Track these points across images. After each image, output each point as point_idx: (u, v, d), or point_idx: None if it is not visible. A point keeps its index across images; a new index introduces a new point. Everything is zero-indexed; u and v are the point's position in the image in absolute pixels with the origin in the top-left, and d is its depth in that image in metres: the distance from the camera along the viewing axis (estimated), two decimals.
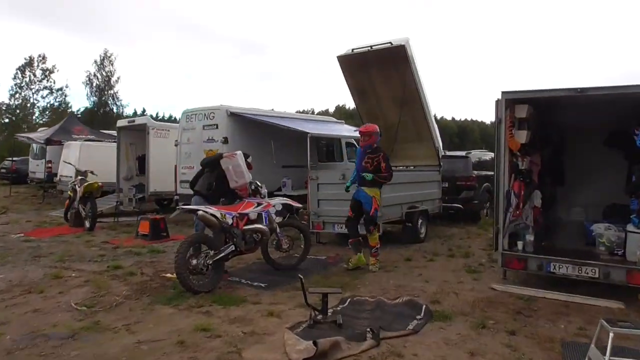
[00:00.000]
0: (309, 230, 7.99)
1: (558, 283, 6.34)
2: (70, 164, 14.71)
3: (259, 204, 7.04)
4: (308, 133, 11.54)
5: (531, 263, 6.33)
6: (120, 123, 16.81)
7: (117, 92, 56.10)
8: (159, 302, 5.82)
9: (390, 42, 9.54)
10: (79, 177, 12.09)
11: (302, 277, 4.48)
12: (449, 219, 12.43)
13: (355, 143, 16.93)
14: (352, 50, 10.12)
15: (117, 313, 5.43)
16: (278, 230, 7.38)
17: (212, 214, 6.41)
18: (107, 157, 16.75)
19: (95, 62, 54.86)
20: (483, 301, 5.88)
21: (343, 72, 10.67)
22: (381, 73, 10.40)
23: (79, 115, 52.49)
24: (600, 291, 6.01)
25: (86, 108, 55.44)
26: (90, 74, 54.42)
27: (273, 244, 7.53)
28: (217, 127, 12.45)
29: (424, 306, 5.57)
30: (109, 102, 55.99)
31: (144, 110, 67.39)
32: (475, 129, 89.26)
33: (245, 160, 7.16)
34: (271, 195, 12.82)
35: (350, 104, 73.56)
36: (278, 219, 8.02)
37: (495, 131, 6.61)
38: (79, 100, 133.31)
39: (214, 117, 12.57)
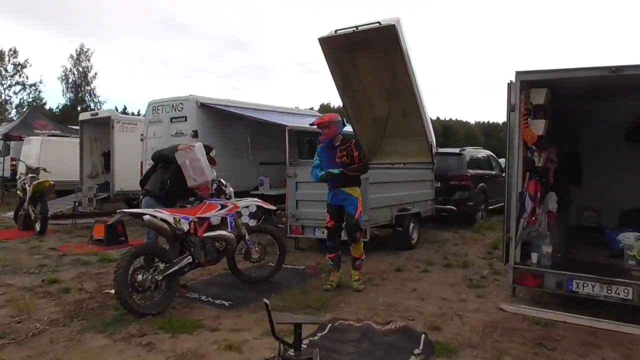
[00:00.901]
0: (283, 237, 6.82)
1: (577, 303, 5.28)
2: (21, 161, 13.41)
3: (222, 207, 5.88)
4: (286, 126, 10.40)
5: (549, 280, 5.25)
6: (83, 116, 15.55)
7: (94, 89, 55.01)
8: (91, 329, 4.63)
9: (378, 22, 8.42)
10: (30, 175, 10.78)
11: (267, 302, 3.37)
12: (441, 222, 11.36)
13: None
14: (335, 31, 8.97)
15: (31, 346, 4.24)
16: (247, 236, 6.24)
17: (162, 219, 5.24)
18: (71, 153, 15.49)
19: (72, 56, 53.43)
20: (493, 327, 4.79)
21: (325, 57, 9.51)
22: (368, 58, 9.27)
23: (57, 112, 50.90)
24: (632, 315, 4.96)
25: (64, 105, 53.95)
26: (66, 69, 53.02)
27: (241, 253, 6.39)
28: (185, 120, 11.27)
29: (422, 336, 4.46)
30: (86, 98, 54.73)
31: (125, 108, 65.82)
32: (460, 129, 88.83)
33: (207, 154, 6.00)
34: (246, 195, 11.75)
35: (336, 102, 72.54)
36: (252, 222, 6.89)
37: (506, 121, 5.53)
38: (55, 97, 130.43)
39: (182, 108, 11.38)
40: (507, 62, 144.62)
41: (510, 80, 5.44)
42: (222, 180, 6.09)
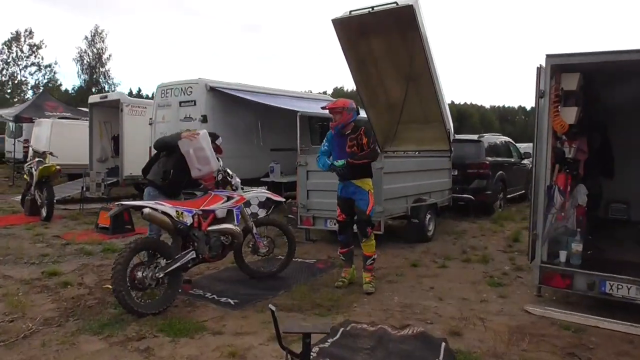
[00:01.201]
0: (292, 230, 6.46)
1: (609, 305, 4.89)
2: (28, 144, 13.18)
3: (229, 198, 5.54)
4: (297, 112, 10.01)
5: (579, 281, 4.84)
6: (92, 99, 15.29)
7: (108, 70, 54.94)
8: (87, 331, 4.34)
9: (395, 2, 7.94)
10: (36, 159, 10.53)
11: (273, 308, 3.01)
12: (458, 212, 10.93)
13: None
14: (350, 12, 8.51)
15: (21, 350, 3.95)
16: (254, 230, 5.90)
17: (163, 212, 4.90)
18: (82, 136, 15.28)
19: (86, 38, 53.28)
20: (519, 333, 4.41)
21: (339, 39, 9.05)
22: (384, 40, 8.83)
23: (72, 94, 50.91)
24: None
25: (79, 87, 53.98)
26: (81, 50, 52.94)
27: (249, 247, 6.06)
28: (194, 104, 10.96)
29: (442, 344, 4.10)
30: (101, 80, 54.62)
31: (139, 90, 65.74)
32: (475, 113, 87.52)
33: (213, 142, 5.63)
34: (256, 182, 11.42)
35: (349, 85, 71.74)
36: (262, 212, 6.57)
37: (535, 108, 5.08)
38: (70, 79, 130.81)
39: (191, 92, 11.07)
40: (524, 44, 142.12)
41: (540, 64, 5.00)
42: (228, 170, 5.74)
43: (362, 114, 8.21)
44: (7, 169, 20.88)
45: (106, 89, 52.05)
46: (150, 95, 54.69)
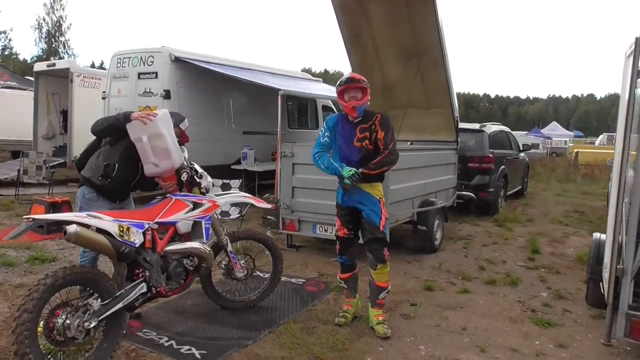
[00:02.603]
0: (278, 247, 4.91)
1: None
2: None
3: (195, 205, 4.00)
4: (280, 89, 8.47)
5: None
6: (38, 67, 13.38)
7: (68, 40, 52.01)
8: None
9: None
10: None
11: None
12: (455, 210, 9.60)
13: (333, 106, 13.93)
14: None
15: None
16: (229, 246, 4.39)
17: (100, 229, 3.34)
18: (28, 108, 13.34)
19: (45, 5, 50.21)
20: None
21: (334, 7, 7.57)
22: (385, 7, 7.37)
23: (31, 64, 47.75)
24: None
25: (38, 56, 50.86)
26: (39, 17, 50.03)
27: (221, 267, 4.55)
28: (156, 76, 9.29)
29: None
30: (60, 50, 51.73)
31: (102, 63, 62.70)
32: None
33: (176, 126, 4.08)
34: (226, 170, 9.80)
35: (318, 67, 69.94)
36: (234, 212, 5.10)
37: (630, 90, 3.69)
38: (28, 47, 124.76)
39: (152, 62, 9.38)
40: (490, 30, 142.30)
41: (637, 37, 3.62)
42: (196, 167, 4.18)
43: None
44: None
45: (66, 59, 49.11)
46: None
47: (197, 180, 4.08)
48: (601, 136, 44.64)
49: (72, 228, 3.13)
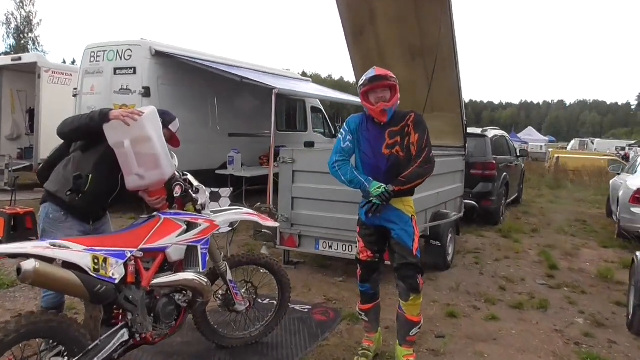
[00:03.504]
0: (286, 274, 4.15)
1: None
2: None
3: (189, 226, 3.23)
4: (274, 88, 7.74)
5: None
6: (3, 61, 12.36)
7: (38, 37, 50.44)
8: None
9: None
10: None
11: None
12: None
13: (322, 107, 13.26)
14: None
15: None
16: (229, 274, 3.63)
17: (66, 263, 2.56)
18: None
19: None
20: None
21: (337, 2, 6.90)
22: (390, 4, 6.74)
23: None
24: None
25: (5, 52, 49.12)
26: (8, 12, 48.44)
27: (218, 298, 3.78)
28: (134, 72, 8.47)
29: None
30: (29, 46, 50.12)
31: (73, 61, 60.90)
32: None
33: (166, 126, 3.32)
34: (210, 174, 9.10)
35: (296, 69, 69.32)
36: (224, 226, 4.37)
37: None
38: None
39: (130, 56, 8.55)
40: (476, 35, 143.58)
41: None
42: (190, 179, 3.42)
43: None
44: None
45: None
46: None
47: (193, 195, 3.31)
48: (573, 141, 45.01)
49: (28, 265, 2.34)
